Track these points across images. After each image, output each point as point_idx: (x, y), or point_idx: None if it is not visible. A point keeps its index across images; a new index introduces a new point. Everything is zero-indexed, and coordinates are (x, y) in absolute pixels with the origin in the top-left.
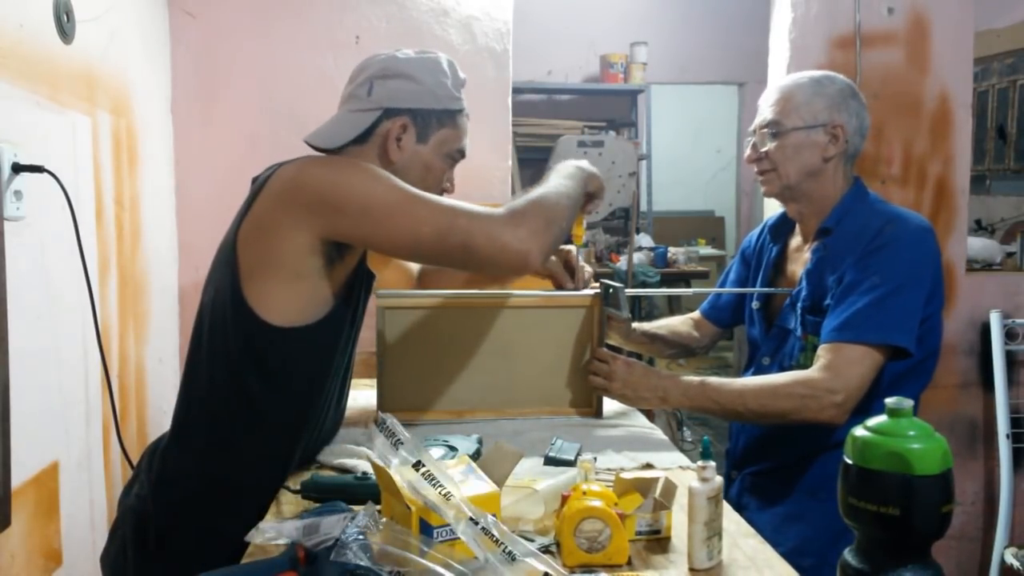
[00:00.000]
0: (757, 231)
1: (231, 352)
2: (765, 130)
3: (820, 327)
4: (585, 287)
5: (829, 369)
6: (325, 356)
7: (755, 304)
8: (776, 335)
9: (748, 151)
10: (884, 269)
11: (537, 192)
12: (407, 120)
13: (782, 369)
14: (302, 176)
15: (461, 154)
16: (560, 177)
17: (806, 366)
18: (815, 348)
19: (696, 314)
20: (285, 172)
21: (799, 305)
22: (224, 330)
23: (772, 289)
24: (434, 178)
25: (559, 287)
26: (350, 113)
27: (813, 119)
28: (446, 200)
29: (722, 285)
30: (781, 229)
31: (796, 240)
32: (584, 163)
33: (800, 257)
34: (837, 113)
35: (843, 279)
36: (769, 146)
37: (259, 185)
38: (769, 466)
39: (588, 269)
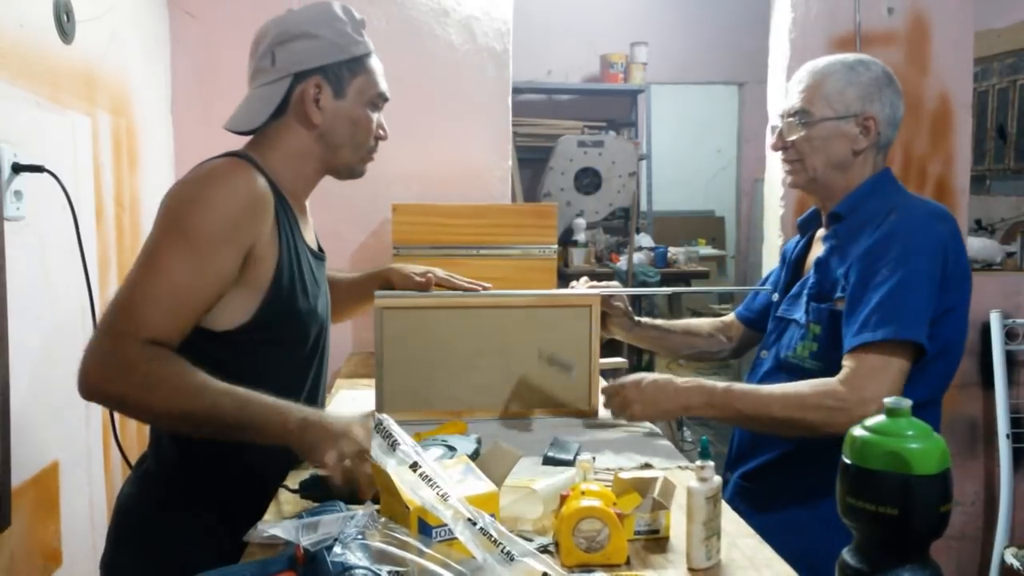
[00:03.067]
0: (794, 238)
1: (189, 353)
2: (793, 119)
3: (823, 315)
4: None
5: (856, 379)
6: (277, 351)
7: (774, 296)
8: (777, 326)
9: (774, 138)
10: (890, 260)
11: (195, 388)
12: (319, 79)
13: (778, 361)
14: (171, 191)
15: (383, 97)
16: (238, 405)
17: (803, 356)
18: (815, 337)
19: (729, 317)
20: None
21: (806, 292)
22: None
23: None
24: (363, 130)
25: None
26: (260, 88)
27: (845, 109)
28: (150, 303)
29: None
30: (810, 223)
31: (821, 230)
32: (307, 427)
33: (819, 244)
34: (870, 104)
35: (849, 273)
36: (796, 135)
37: None
38: (760, 463)
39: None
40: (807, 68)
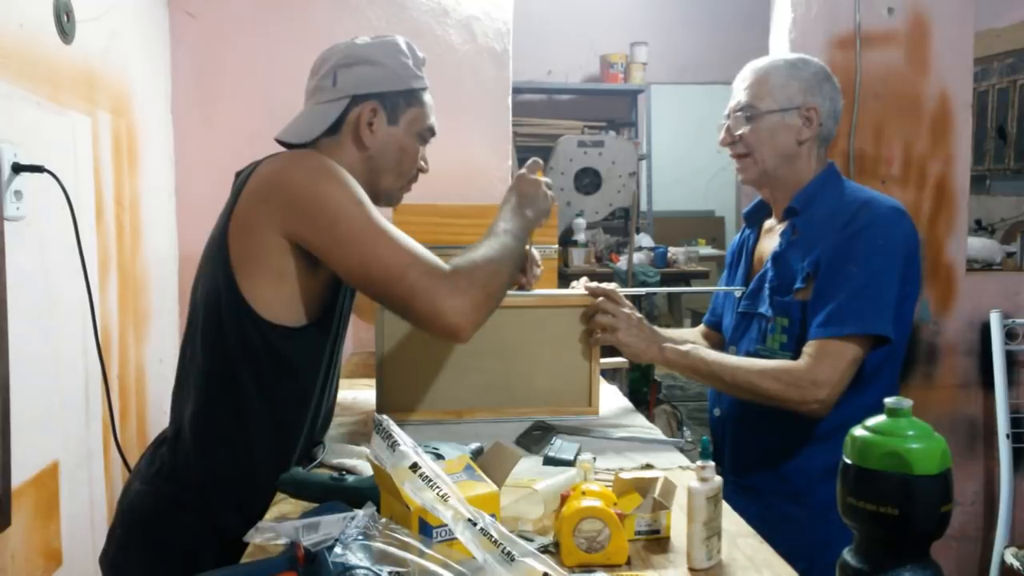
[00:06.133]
0: (739, 233)
1: (226, 347)
2: (739, 113)
3: (788, 308)
4: (536, 280)
5: (814, 364)
6: (313, 359)
7: (736, 293)
8: (741, 321)
9: (722, 134)
10: (859, 257)
11: (485, 254)
12: (376, 104)
13: (748, 354)
14: (283, 176)
15: (431, 132)
16: (507, 235)
17: (773, 348)
18: (784, 329)
19: (702, 328)
20: (267, 169)
21: (766, 287)
22: (219, 324)
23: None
24: (409, 159)
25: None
26: (318, 105)
27: (788, 101)
28: (409, 245)
29: (718, 295)
30: (756, 215)
31: (770, 221)
32: (532, 208)
33: (772, 236)
34: (811, 96)
35: (819, 265)
36: (743, 129)
37: (242, 181)
38: (751, 460)
39: (539, 269)
40: (750, 67)
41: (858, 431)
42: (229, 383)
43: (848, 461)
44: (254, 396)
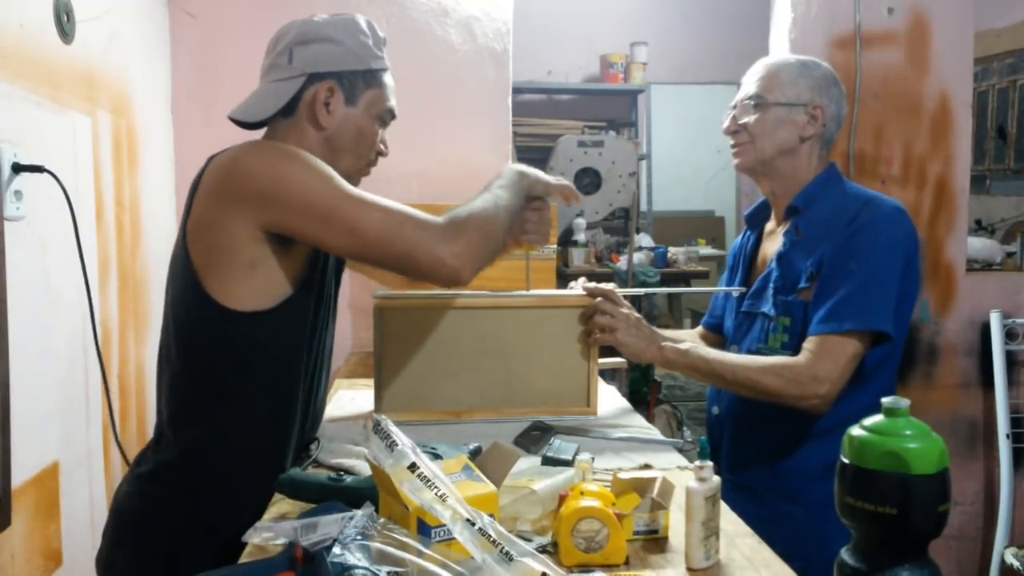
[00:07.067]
0: (740, 235)
1: (202, 348)
2: (748, 102)
3: (791, 307)
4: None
5: (814, 359)
6: (294, 340)
7: (735, 294)
8: (743, 321)
9: (727, 122)
10: (860, 254)
11: (478, 204)
12: (333, 83)
13: (749, 353)
14: (239, 167)
15: (391, 114)
16: (500, 188)
17: (774, 347)
18: (785, 329)
19: (699, 329)
20: (218, 165)
21: (771, 286)
22: (191, 325)
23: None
24: (368, 142)
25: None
26: (273, 84)
27: (796, 97)
28: (390, 204)
29: (717, 296)
30: (758, 217)
31: (771, 224)
32: (528, 169)
33: (775, 238)
34: (819, 95)
35: (822, 264)
36: (749, 118)
37: (196, 179)
38: (749, 458)
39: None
40: (762, 62)
41: (856, 431)
42: (210, 383)
43: (846, 461)
44: (240, 393)
